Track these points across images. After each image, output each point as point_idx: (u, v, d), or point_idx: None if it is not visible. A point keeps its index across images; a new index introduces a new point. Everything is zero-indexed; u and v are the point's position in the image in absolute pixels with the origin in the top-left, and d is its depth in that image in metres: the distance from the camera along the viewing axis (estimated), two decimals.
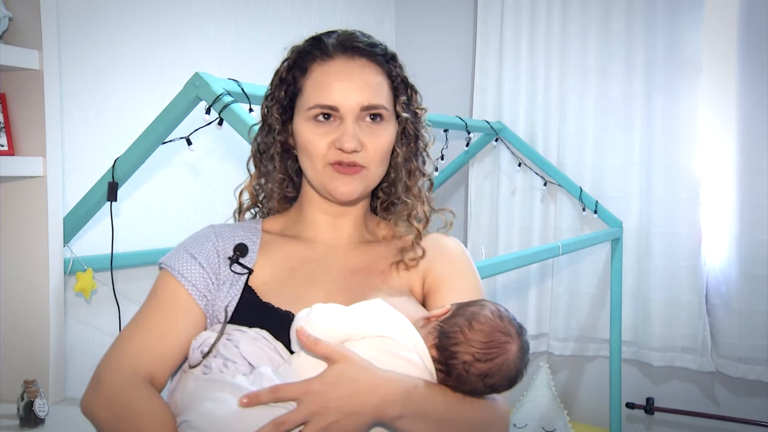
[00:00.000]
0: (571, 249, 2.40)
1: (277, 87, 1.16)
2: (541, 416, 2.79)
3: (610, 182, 2.79)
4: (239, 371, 0.97)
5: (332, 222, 1.17)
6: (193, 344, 1.03)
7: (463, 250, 1.23)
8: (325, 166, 1.10)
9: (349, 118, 1.08)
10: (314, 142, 1.09)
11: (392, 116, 1.14)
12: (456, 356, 0.98)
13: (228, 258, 1.10)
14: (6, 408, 1.51)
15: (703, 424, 2.75)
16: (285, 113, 1.15)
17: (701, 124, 2.62)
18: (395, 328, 0.99)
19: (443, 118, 2.48)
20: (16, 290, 1.58)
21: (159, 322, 1.05)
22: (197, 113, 1.55)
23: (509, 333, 1.00)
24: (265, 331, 1.02)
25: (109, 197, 1.62)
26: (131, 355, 1.03)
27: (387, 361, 0.96)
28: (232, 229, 1.16)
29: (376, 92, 1.11)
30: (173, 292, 1.07)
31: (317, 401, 0.90)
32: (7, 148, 1.54)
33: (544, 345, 2.98)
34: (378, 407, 0.92)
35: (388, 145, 1.13)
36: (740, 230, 2.57)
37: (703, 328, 2.63)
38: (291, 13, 2.60)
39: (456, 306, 1.04)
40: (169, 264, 1.09)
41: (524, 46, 2.90)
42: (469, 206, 3.06)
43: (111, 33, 1.95)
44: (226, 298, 1.07)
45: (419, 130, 1.20)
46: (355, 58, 1.12)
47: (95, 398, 1.00)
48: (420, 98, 1.21)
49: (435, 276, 1.16)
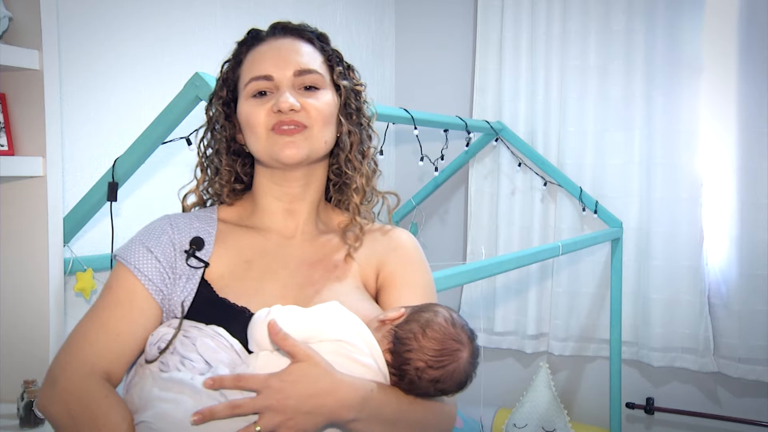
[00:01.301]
0: (571, 249, 2.39)
1: (219, 87, 1.20)
2: (541, 416, 2.79)
3: (610, 182, 2.79)
4: (196, 369, 0.98)
5: (287, 209, 1.18)
6: (150, 339, 1.03)
7: (415, 245, 1.24)
8: (267, 133, 1.11)
9: (284, 84, 1.11)
10: (253, 113, 1.12)
11: (330, 86, 1.16)
12: (409, 362, 1.01)
13: (184, 251, 1.10)
14: (6, 408, 1.52)
15: (703, 424, 2.75)
16: (228, 108, 1.19)
17: (701, 124, 2.62)
18: (352, 332, 1.01)
19: (443, 118, 2.48)
20: (16, 290, 1.58)
21: (115, 319, 1.05)
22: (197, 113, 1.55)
23: (461, 341, 1.03)
24: (222, 328, 1.02)
25: (109, 197, 1.62)
26: (88, 354, 1.02)
27: (344, 365, 0.98)
28: (188, 219, 1.16)
29: (308, 59, 1.15)
30: (129, 287, 1.07)
31: (276, 397, 0.91)
32: (7, 148, 1.54)
33: (544, 345, 2.98)
34: (334, 410, 0.94)
35: (328, 108, 1.14)
36: (740, 230, 2.57)
37: (705, 329, 2.63)
38: (291, 13, 2.60)
39: (410, 310, 1.06)
40: (125, 257, 1.09)
41: (524, 46, 2.90)
42: (469, 206, 3.06)
43: (111, 33, 1.95)
44: (183, 293, 1.07)
45: (360, 104, 1.21)
46: (285, 36, 1.17)
47: (52, 398, 1.00)
48: (358, 75, 1.23)
49: (388, 271, 1.18)
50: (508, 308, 3.00)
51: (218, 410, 0.90)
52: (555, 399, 2.82)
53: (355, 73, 1.23)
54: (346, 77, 1.19)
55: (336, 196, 1.24)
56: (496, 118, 2.94)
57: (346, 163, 1.19)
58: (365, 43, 3.06)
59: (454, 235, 3.19)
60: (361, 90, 1.22)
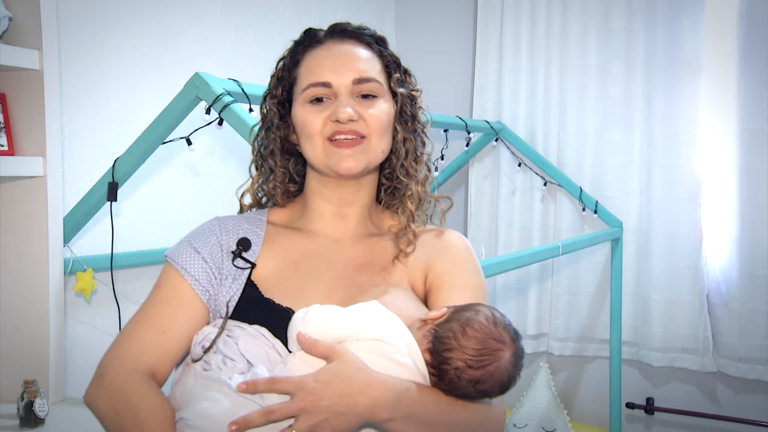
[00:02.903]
0: (571, 249, 2.39)
1: (274, 85, 1.19)
2: (541, 416, 2.79)
3: (610, 182, 2.79)
4: (237, 369, 0.98)
5: (337, 212, 1.17)
6: (195, 339, 1.05)
7: (467, 246, 1.22)
8: (324, 143, 1.11)
9: (342, 92, 1.10)
10: (310, 120, 1.11)
11: (387, 93, 1.15)
12: (448, 362, 0.98)
13: (231, 252, 1.11)
14: (6, 408, 1.51)
15: (703, 424, 2.75)
16: (283, 108, 1.17)
17: (701, 124, 2.62)
18: (390, 331, 1.00)
19: (443, 118, 2.48)
20: (16, 290, 1.58)
21: (162, 317, 1.07)
22: (197, 113, 1.55)
23: (503, 340, 1.00)
24: (264, 328, 1.03)
25: (109, 197, 1.62)
26: (134, 350, 1.04)
27: (380, 364, 0.97)
28: (236, 221, 1.17)
29: (367, 66, 1.13)
30: (176, 287, 1.09)
31: (310, 398, 0.91)
32: (7, 148, 1.54)
33: (544, 345, 2.98)
34: (369, 409, 0.93)
35: (386, 117, 1.13)
36: (740, 230, 2.56)
37: (704, 329, 2.63)
38: (291, 13, 2.60)
39: (452, 309, 1.04)
40: (173, 258, 1.11)
41: (524, 46, 2.90)
42: (469, 206, 3.06)
43: (111, 33, 1.95)
44: (228, 293, 1.08)
45: (416, 111, 1.20)
46: (344, 40, 1.16)
47: (98, 392, 1.02)
48: (414, 80, 1.22)
49: (437, 273, 1.16)
50: (508, 308, 2.99)
51: (253, 419, 0.90)
52: (555, 399, 2.81)
53: (412, 78, 1.21)
54: (403, 83, 1.18)
55: (387, 199, 1.23)
56: (496, 118, 2.94)
57: (401, 170, 1.18)
58: None
59: None
60: (417, 96, 1.21)
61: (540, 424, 2.78)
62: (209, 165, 2.26)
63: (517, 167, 2.91)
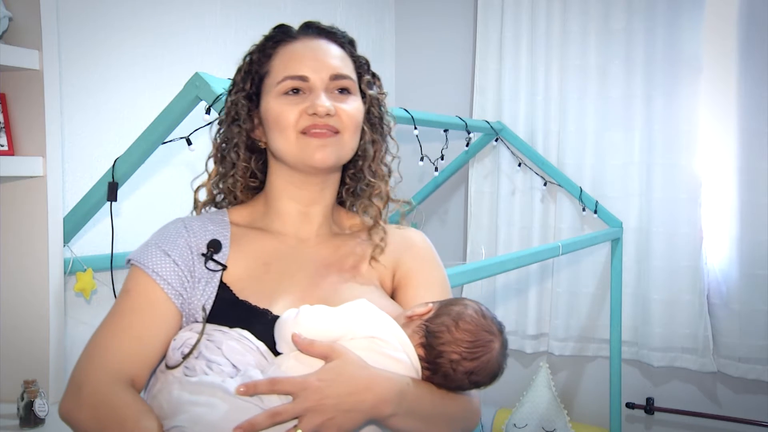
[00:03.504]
0: (571, 249, 2.40)
1: (241, 79, 1.17)
2: (541, 416, 2.79)
3: (610, 182, 2.79)
4: (225, 373, 0.96)
5: (302, 211, 1.17)
6: (173, 345, 1.02)
7: (428, 244, 1.24)
8: (298, 136, 1.09)
9: (319, 86, 1.10)
10: (285, 113, 1.10)
11: (358, 92, 1.16)
12: (443, 355, 1.01)
13: (201, 254, 1.09)
14: (6, 408, 1.51)
15: (703, 424, 2.75)
16: (251, 102, 1.16)
17: (701, 124, 2.62)
18: (383, 328, 1.01)
19: (443, 118, 2.48)
20: (16, 290, 1.58)
21: (136, 324, 1.03)
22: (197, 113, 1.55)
23: (493, 331, 1.04)
24: (246, 331, 1.01)
25: (109, 197, 1.62)
26: (112, 360, 1.01)
27: (377, 361, 0.98)
28: (201, 222, 1.15)
29: (342, 64, 1.14)
30: (148, 292, 1.05)
31: (314, 397, 0.90)
32: (7, 148, 1.54)
33: (544, 345, 2.98)
34: (374, 405, 0.93)
35: (358, 115, 1.14)
36: (740, 230, 2.57)
37: (705, 329, 2.63)
38: (291, 13, 2.60)
39: (439, 305, 1.07)
40: (141, 261, 1.07)
41: (524, 46, 2.90)
42: (469, 206, 3.06)
43: (111, 33, 1.95)
44: (203, 297, 1.05)
45: (383, 113, 1.21)
46: (319, 37, 1.17)
47: (78, 405, 0.99)
48: (381, 84, 1.23)
49: (404, 270, 1.18)
50: (508, 308, 2.99)
51: (259, 421, 0.88)
52: (555, 399, 2.81)
53: (380, 81, 1.23)
54: (373, 85, 1.19)
55: (350, 199, 1.23)
56: (496, 118, 2.94)
57: (369, 170, 1.18)
58: (365, 43, 3.05)
59: (454, 235, 3.19)
60: (383, 99, 1.22)
61: (540, 424, 2.78)
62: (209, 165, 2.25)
63: (517, 167, 2.91)
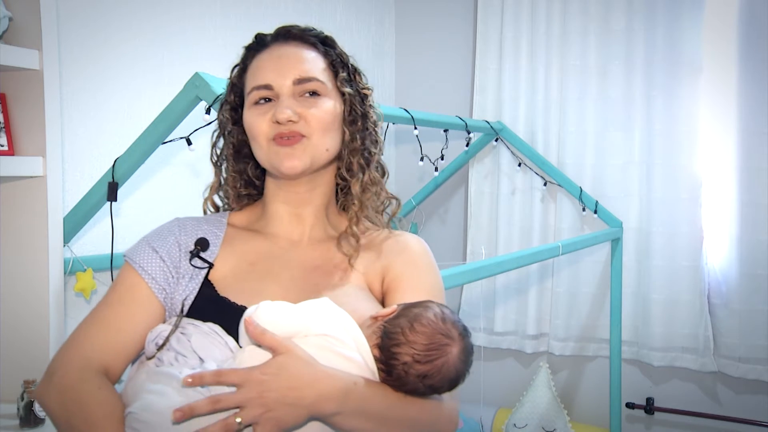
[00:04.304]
0: (571, 249, 2.40)
1: (228, 92, 1.21)
2: (541, 416, 2.79)
3: (610, 182, 2.80)
4: (188, 365, 0.99)
5: (294, 213, 1.18)
6: (149, 336, 1.05)
7: (424, 249, 1.23)
8: (269, 143, 1.12)
9: (284, 93, 1.12)
10: (255, 123, 1.13)
11: (333, 93, 1.16)
12: (396, 357, 1.00)
13: (189, 252, 1.12)
14: (6, 408, 1.52)
15: (703, 423, 2.75)
16: (236, 113, 1.20)
17: (701, 124, 2.63)
18: (338, 327, 1.01)
19: (443, 118, 2.48)
20: (16, 290, 1.58)
21: (117, 315, 1.07)
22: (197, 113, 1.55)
23: (450, 335, 1.01)
24: (218, 325, 1.04)
25: (109, 197, 1.62)
26: (85, 349, 1.04)
27: (329, 359, 0.98)
28: (196, 222, 1.19)
29: (308, 66, 1.14)
30: (132, 286, 1.09)
31: (257, 389, 0.91)
32: (7, 148, 1.54)
33: (544, 345, 2.98)
34: (315, 402, 0.93)
35: (329, 116, 1.14)
36: (740, 230, 2.57)
37: (705, 328, 2.63)
38: (291, 13, 2.60)
39: (402, 306, 1.06)
40: (131, 257, 1.12)
41: (524, 46, 2.90)
42: (469, 206, 3.06)
43: (111, 33, 1.95)
44: (185, 292, 1.09)
45: (367, 109, 1.20)
46: (288, 42, 1.17)
47: (48, 390, 1.02)
48: (365, 79, 1.22)
49: (394, 275, 1.17)
50: (508, 308, 3.00)
51: (199, 407, 0.90)
52: (555, 399, 2.82)
53: (362, 76, 1.22)
54: (351, 82, 1.19)
55: (343, 199, 1.24)
56: (496, 118, 2.94)
57: (348, 169, 1.19)
58: (365, 43, 3.06)
59: (454, 235, 3.19)
60: (367, 94, 1.21)
61: (540, 424, 2.78)
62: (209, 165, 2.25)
63: (517, 167, 2.91)
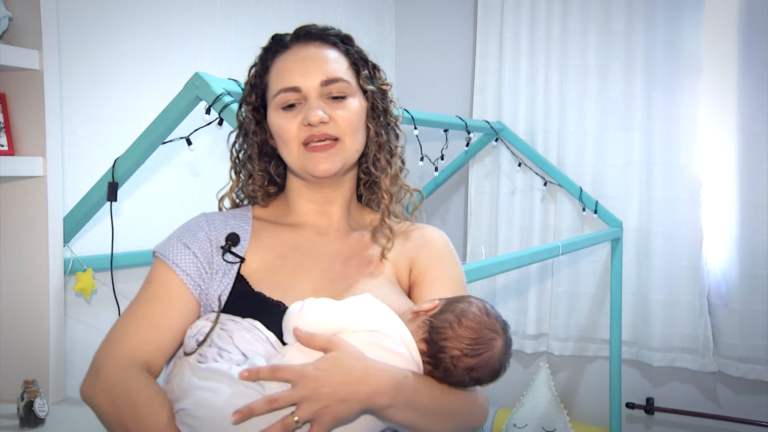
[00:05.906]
0: (571, 249, 2.39)
1: (248, 93, 1.22)
2: (541, 416, 2.79)
3: (610, 182, 2.80)
4: (233, 361, 1.00)
5: (319, 210, 1.21)
6: (189, 332, 1.07)
7: (446, 241, 1.26)
8: (300, 148, 1.13)
9: (312, 95, 1.13)
10: (284, 126, 1.14)
11: (357, 91, 1.18)
12: (445, 350, 1.03)
13: (220, 247, 1.13)
14: (6, 408, 1.52)
15: (703, 424, 2.75)
16: (258, 113, 1.21)
17: (701, 124, 2.62)
18: (384, 322, 1.03)
19: (443, 118, 2.48)
20: (16, 290, 1.58)
21: (154, 313, 1.09)
22: (197, 113, 1.55)
23: (496, 330, 1.06)
24: (257, 321, 1.05)
25: (109, 197, 1.62)
26: (128, 346, 1.06)
27: (377, 354, 1.00)
28: (223, 217, 1.20)
29: (334, 67, 1.16)
30: (167, 282, 1.10)
31: (311, 386, 0.93)
32: (7, 148, 1.54)
33: (544, 345, 2.98)
34: (369, 396, 0.96)
35: (357, 116, 1.16)
36: (740, 230, 2.57)
37: (705, 329, 2.63)
38: (291, 13, 2.60)
39: (445, 301, 1.09)
40: (163, 253, 1.12)
41: (524, 46, 2.90)
42: (469, 206, 3.06)
43: (111, 33, 1.95)
44: (219, 288, 1.10)
45: (388, 105, 1.23)
46: (310, 43, 1.18)
47: (94, 389, 1.04)
48: (384, 75, 1.24)
49: (420, 268, 1.20)
50: (508, 308, 2.99)
51: (257, 407, 0.92)
52: (555, 399, 2.81)
53: (381, 72, 1.24)
54: (372, 79, 1.21)
55: (366, 194, 1.27)
56: (496, 118, 2.94)
57: (375, 164, 1.21)
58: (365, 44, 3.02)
59: (454, 235, 3.17)
60: (387, 90, 1.23)
61: (540, 424, 2.78)
62: (209, 165, 2.26)
63: (517, 167, 2.91)
